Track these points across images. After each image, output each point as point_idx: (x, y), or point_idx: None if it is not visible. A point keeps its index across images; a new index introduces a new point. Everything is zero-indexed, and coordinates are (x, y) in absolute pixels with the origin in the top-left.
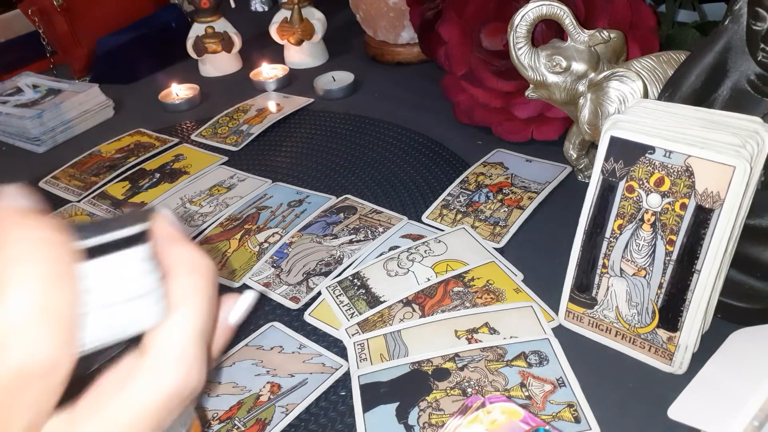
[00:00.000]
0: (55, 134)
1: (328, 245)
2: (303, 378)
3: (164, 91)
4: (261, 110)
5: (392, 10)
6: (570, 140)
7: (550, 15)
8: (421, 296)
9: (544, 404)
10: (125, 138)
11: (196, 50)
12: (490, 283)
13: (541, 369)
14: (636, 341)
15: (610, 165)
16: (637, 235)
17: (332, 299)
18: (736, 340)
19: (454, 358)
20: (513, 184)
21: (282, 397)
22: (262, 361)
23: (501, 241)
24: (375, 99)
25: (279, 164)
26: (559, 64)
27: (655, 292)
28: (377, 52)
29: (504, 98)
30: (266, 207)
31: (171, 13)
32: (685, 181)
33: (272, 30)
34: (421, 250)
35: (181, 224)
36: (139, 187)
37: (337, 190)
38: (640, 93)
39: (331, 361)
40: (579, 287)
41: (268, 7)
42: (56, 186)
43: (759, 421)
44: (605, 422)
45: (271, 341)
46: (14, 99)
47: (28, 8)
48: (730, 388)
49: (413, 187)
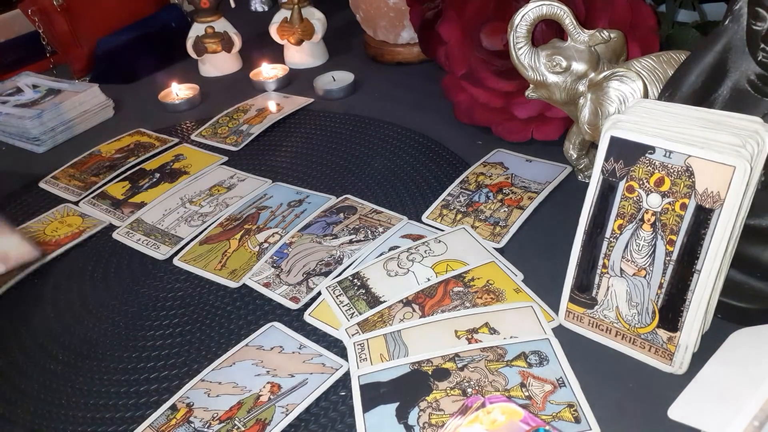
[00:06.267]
0: (55, 134)
1: (328, 245)
2: (303, 378)
3: (164, 91)
4: (261, 110)
5: (392, 10)
6: (570, 140)
7: (550, 15)
8: (421, 296)
9: (544, 404)
10: (125, 138)
11: (196, 50)
12: (490, 283)
13: (541, 369)
14: (636, 341)
15: (610, 165)
16: (637, 235)
17: (332, 299)
18: (736, 340)
19: (454, 358)
20: (513, 184)
21: (282, 397)
22: (263, 361)
23: (501, 241)
24: (375, 99)
25: (279, 164)
26: (559, 64)
27: (655, 292)
28: (377, 52)
29: (504, 98)
30: (266, 207)
31: (171, 13)
32: (685, 181)
33: (272, 30)
34: (421, 250)
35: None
36: (139, 187)
37: (337, 190)
38: (640, 93)
39: (331, 361)
40: (579, 287)
41: (268, 7)
42: (56, 186)
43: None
44: (605, 422)
45: (272, 341)
46: (14, 99)
47: (28, 8)
48: (730, 389)
49: (413, 187)
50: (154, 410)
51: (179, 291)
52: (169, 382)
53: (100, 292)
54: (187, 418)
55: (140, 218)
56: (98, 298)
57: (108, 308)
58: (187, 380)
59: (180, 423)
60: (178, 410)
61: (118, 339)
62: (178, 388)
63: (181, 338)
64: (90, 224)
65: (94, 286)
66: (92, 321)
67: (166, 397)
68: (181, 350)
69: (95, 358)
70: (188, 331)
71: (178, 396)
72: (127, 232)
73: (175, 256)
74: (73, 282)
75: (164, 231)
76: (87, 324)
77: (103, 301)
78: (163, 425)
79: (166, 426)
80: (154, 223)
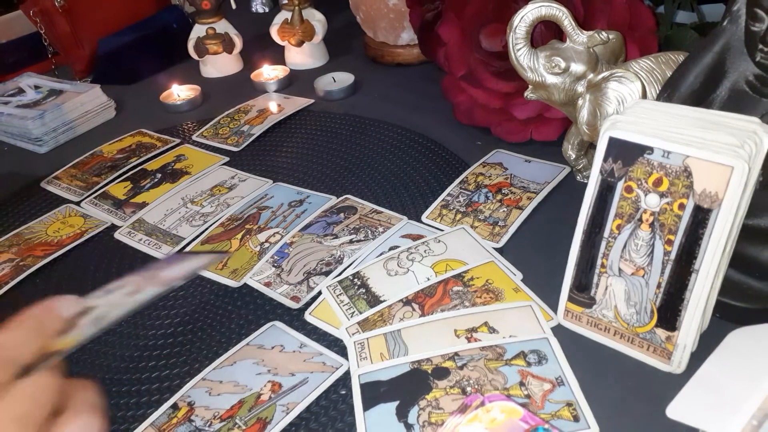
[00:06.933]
0: (57, 135)
1: (329, 245)
2: (304, 377)
3: (165, 91)
4: (262, 111)
5: (392, 12)
6: (569, 141)
7: (549, 16)
8: (421, 296)
9: (543, 403)
10: (127, 138)
11: (197, 51)
12: (489, 282)
13: (540, 368)
14: (634, 340)
15: (608, 165)
16: (636, 235)
17: (332, 298)
18: (735, 339)
19: (454, 357)
20: (512, 184)
21: (283, 395)
22: (263, 360)
23: (500, 241)
24: (375, 100)
25: (280, 165)
26: (557, 65)
27: (653, 292)
28: (377, 53)
29: (503, 99)
30: (267, 207)
31: (172, 14)
32: (683, 181)
33: (273, 31)
34: (421, 250)
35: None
36: (141, 188)
37: (337, 191)
38: (639, 94)
39: (332, 360)
40: (578, 287)
41: (268, 8)
42: (58, 186)
43: (758, 420)
44: (604, 421)
45: (272, 340)
46: (16, 100)
47: (29, 9)
48: (729, 388)
49: (413, 187)
50: (156, 409)
51: (180, 290)
52: (170, 381)
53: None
54: (189, 417)
55: (142, 218)
56: None
57: None
58: (189, 379)
59: (181, 422)
60: (179, 409)
61: (119, 338)
62: (179, 387)
63: (183, 337)
64: (92, 224)
65: (95, 287)
66: None
67: (167, 396)
68: (182, 349)
69: (96, 358)
70: (189, 330)
71: (179, 395)
72: (129, 232)
73: None
74: (74, 282)
75: (166, 231)
76: None
77: None
78: (165, 424)
79: (167, 425)
80: (155, 223)
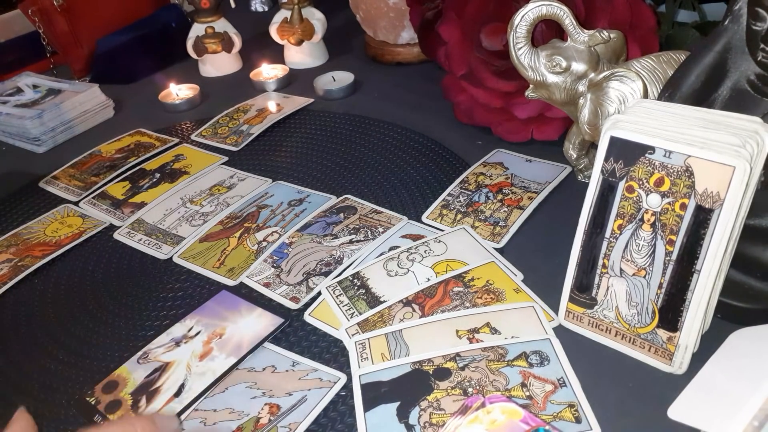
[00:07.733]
0: (56, 134)
1: (328, 245)
2: (302, 395)
3: (164, 91)
4: (261, 110)
5: (392, 11)
6: (570, 140)
7: (549, 15)
8: (421, 296)
9: (545, 404)
10: (125, 138)
11: (196, 50)
12: (490, 283)
13: (542, 369)
14: (636, 341)
15: (609, 165)
16: (637, 235)
17: (332, 299)
18: (736, 339)
19: (455, 357)
20: (513, 184)
21: (283, 417)
22: (256, 383)
23: (501, 241)
24: (375, 99)
25: (279, 164)
26: (558, 64)
27: (654, 292)
28: (377, 52)
29: (504, 98)
30: (267, 205)
31: (171, 13)
32: (684, 181)
33: (272, 30)
34: (421, 250)
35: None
36: (140, 187)
37: (337, 190)
38: (640, 93)
39: (329, 375)
40: (579, 287)
41: (268, 7)
42: (56, 186)
43: (759, 421)
44: (605, 422)
45: (262, 362)
46: (14, 99)
47: (28, 8)
48: (730, 388)
49: (413, 187)
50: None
51: (179, 291)
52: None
53: (100, 293)
54: None
55: (141, 218)
56: (98, 299)
57: (108, 309)
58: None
59: None
60: None
61: (118, 340)
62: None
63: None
64: (90, 224)
65: (94, 287)
66: (92, 322)
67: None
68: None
69: (95, 359)
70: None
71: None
72: (128, 232)
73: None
74: (73, 282)
75: (166, 231)
76: (87, 325)
77: (103, 302)
78: None
79: None
80: (155, 223)
